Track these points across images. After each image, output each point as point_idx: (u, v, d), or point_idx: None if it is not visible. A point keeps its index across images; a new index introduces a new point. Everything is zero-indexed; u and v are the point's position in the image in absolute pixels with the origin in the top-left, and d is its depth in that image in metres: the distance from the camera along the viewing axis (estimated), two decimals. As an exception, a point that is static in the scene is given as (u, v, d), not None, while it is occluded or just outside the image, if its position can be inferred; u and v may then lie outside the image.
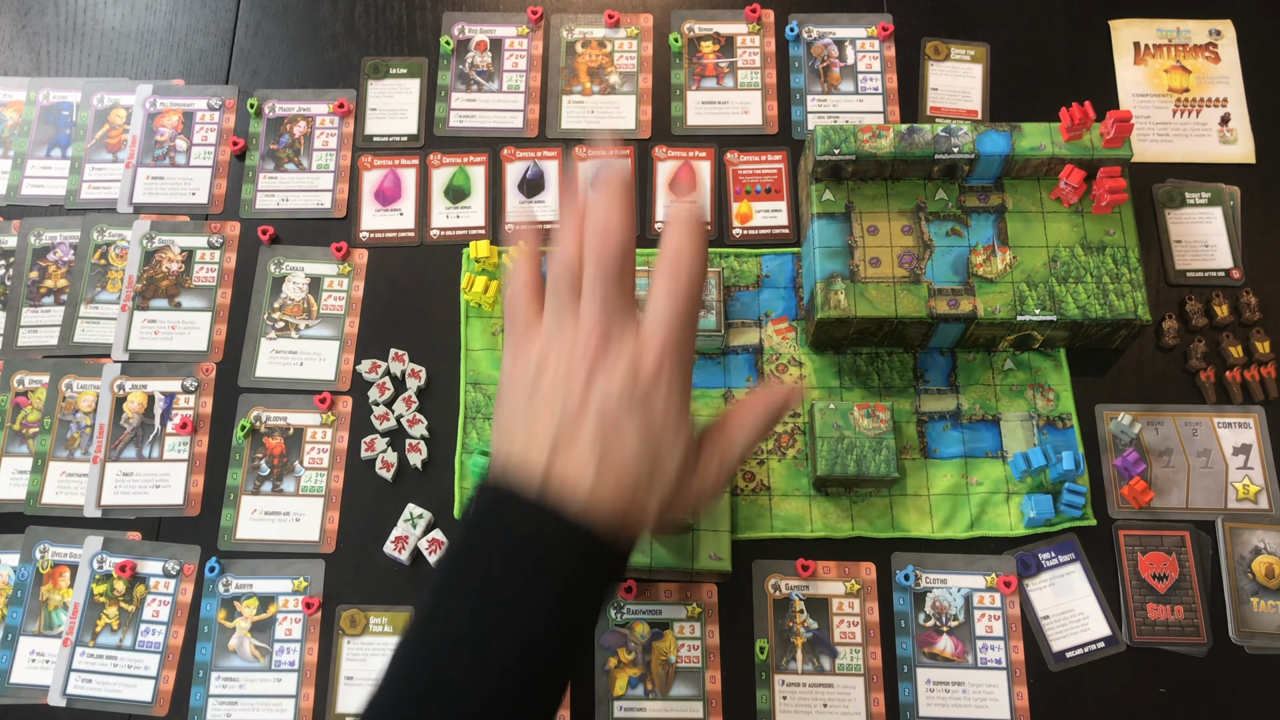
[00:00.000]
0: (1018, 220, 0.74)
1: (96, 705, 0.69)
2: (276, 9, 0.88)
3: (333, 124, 0.84)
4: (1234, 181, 0.82)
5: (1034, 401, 0.75)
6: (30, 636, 0.71)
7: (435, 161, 0.83)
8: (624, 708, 0.68)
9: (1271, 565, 0.71)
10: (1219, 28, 0.87)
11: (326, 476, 0.74)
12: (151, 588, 0.72)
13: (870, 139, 0.73)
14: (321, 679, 0.69)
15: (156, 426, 0.76)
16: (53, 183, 0.83)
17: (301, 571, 0.72)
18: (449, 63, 0.86)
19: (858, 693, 0.69)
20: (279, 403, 0.76)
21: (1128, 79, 0.85)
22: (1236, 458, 0.74)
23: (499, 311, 0.78)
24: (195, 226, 0.81)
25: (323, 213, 0.82)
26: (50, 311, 0.79)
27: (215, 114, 0.85)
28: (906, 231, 0.74)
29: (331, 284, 0.79)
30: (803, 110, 0.84)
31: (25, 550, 0.73)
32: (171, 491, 0.74)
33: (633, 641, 0.70)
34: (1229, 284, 0.79)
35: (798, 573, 0.71)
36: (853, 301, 0.72)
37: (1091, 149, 0.73)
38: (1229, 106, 0.84)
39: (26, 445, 0.76)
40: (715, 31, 0.87)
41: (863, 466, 0.70)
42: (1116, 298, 0.72)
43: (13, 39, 0.88)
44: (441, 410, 0.75)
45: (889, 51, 0.86)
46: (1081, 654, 0.69)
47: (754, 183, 0.82)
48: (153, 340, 0.78)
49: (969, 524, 0.72)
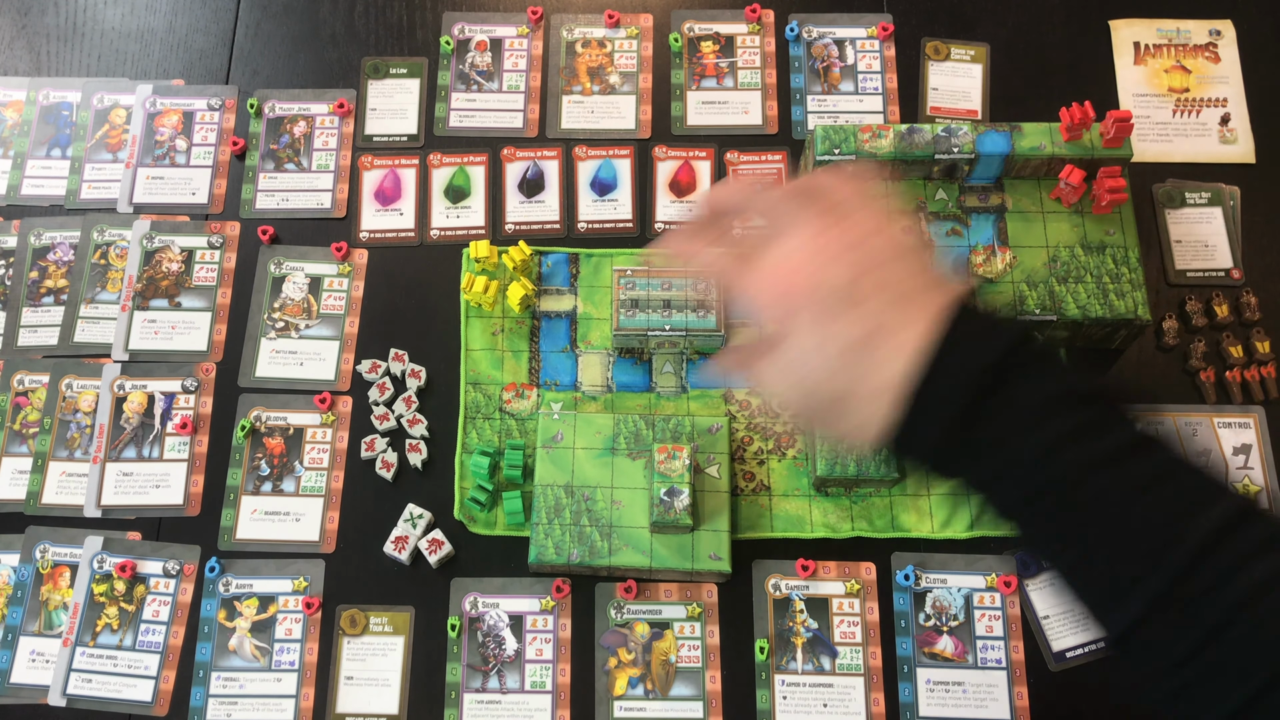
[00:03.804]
0: (1018, 220, 0.74)
1: (96, 705, 0.69)
2: (276, 9, 0.88)
3: (333, 124, 0.84)
4: (1234, 181, 0.82)
5: (1034, 401, 0.75)
6: (30, 636, 0.71)
7: (435, 161, 0.83)
8: (624, 708, 0.68)
9: (1271, 565, 0.71)
10: (1219, 28, 0.87)
11: (326, 476, 0.74)
12: (151, 588, 0.72)
13: (870, 139, 0.73)
14: (321, 679, 0.69)
15: (156, 426, 0.76)
16: (53, 183, 0.83)
17: (301, 571, 0.72)
18: (449, 63, 0.86)
19: (858, 693, 0.69)
20: (279, 403, 0.76)
21: (1128, 79, 0.85)
22: (1236, 458, 0.74)
23: (499, 311, 0.78)
24: (195, 226, 0.81)
25: (323, 213, 0.82)
26: (50, 311, 0.79)
27: (215, 114, 0.85)
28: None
29: (331, 284, 0.79)
30: (803, 110, 0.84)
31: (25, 550, 0.73)
32: (171, 491, 0.74)
33: (633, 641, 0.70)
34: (1229, 284, 0.79)
35: (798, 573, 0.71)
36: (853, 301, 0.71)
37: (1091, 149, 0.73)
38: (1229, 106, 0.84)
39: (26, 445, 0.76)
40: (715, 31, 0.87)
41: (863, 467, 0.70)
42: (1116, 298, 0.72)
43: (13, 39, 0.88)
44: (441, 410, 0.75)
45: (889, 51, 0.86)
46: (1081, 654, 0.69)
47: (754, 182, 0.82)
48: (153, 340, 0.78)
49: (969, 524, 0.72)
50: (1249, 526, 0.41)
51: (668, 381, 0.76)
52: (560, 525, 0.70)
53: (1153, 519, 0.42)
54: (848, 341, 0.45)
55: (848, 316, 0.45)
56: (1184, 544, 0.41)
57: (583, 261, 0.79)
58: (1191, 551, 0.40)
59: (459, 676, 0.69)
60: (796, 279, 0.47)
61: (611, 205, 0.82)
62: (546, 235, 0.81)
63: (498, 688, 0.69)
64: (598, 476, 0.71)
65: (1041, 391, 0.44)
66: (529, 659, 0.70)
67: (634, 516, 0.70)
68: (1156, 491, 0.42)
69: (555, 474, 0.71)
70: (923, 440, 0.46)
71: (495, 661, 0.70)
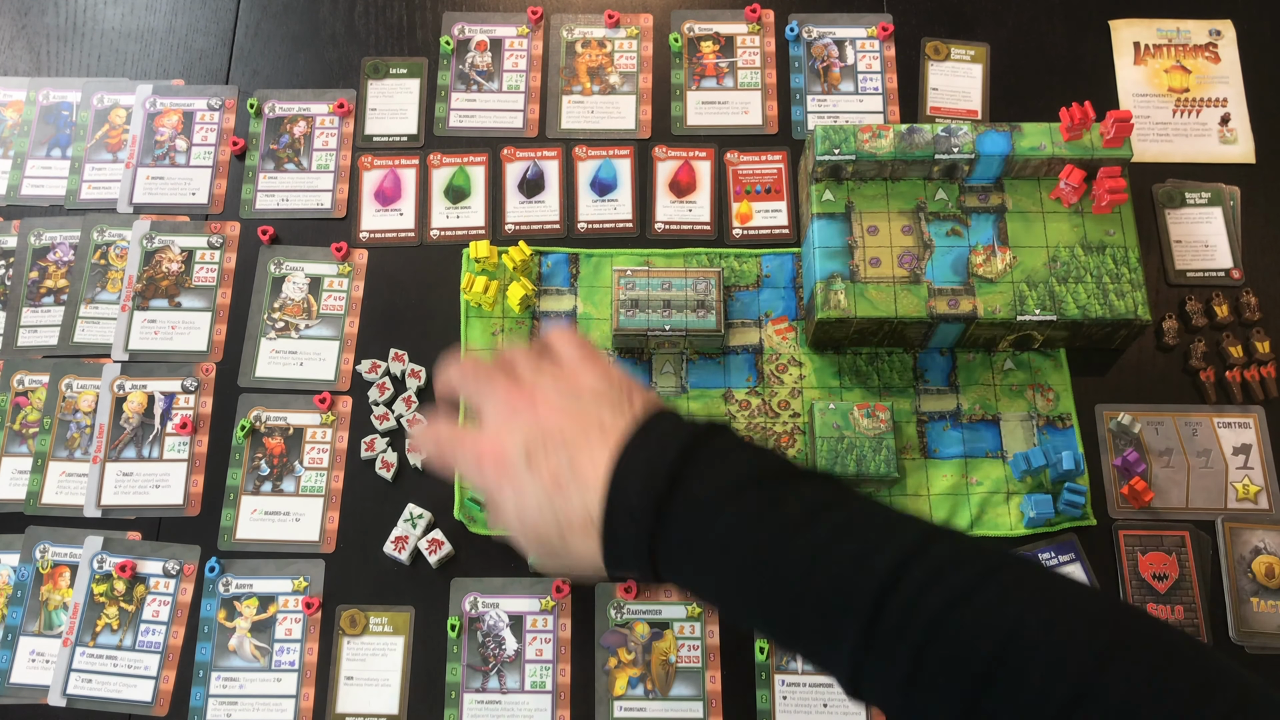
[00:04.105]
0: (1018, 220, 0.74)
1: (96, 705, 0.69)
2: (276, 9, 0.88)
3: (333, 124, 0.84)
4: (1234, 181, 0.82)
5: (1034, 401, 0.75)
6: (30, 636, 0.71)
7: (435, 161, 0.83)
8: (624, 708, 0.68)
9: (1271, 565, 0.71)
10: (1219, 28, 0.87)
11: (326, 476, 0.74)
12: (151, 588, 0.72)
13: (870, 139, 0.73)
14: (321, 679, 0.69)
15: (156, 426, 0.76)
16: (53, 183, 0.83)
17: (301, 571, 0.72)
18: (449, 63, 0.86)
19: (858, 693, 0.68)
20: (279, 403, 0.76)
21: (1128, 79, 0.85)
22: (1236, 458, 0.74)
23: (499, 311, 0.78)
24: (195, 226, 0.81)
25: (323, 213, 0.82)
26: (50, 311, 0.79)
27: (215, 114, 0.85)
28: (906, 231, 0.74)
29: (331, 284, 0.79)
30: (803, 110, 0.84)
31: (25, 550, 0.73)
32: (171, 491, 0.74)
33: (633, 641, 0.70)
34: (1229, 284, 0.79)
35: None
36: (853, 301, 0.72)
37: (1091, 149, 0.73)
38: (1229, 106, 0.84)
39: (26, 445, 0.76)
40: (715, 31, 0.87)
41: (863, 466, 0.70)
42: (1116, 298, 0.72)
43: (13, 39, 0.88)
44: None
45: (889, 51, 0.86)
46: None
47: (754, 183, 0.82)
48: (153, 340, 0.78)
49: (969, 524, 0.72)
50: (923, 558, 0.45)
51: (668, 381, 0.76)
52: (560, 525, 0.70)
53: (837, 573, 0.46)
54: (539, 494, 0.50)
55: (532, 473, 0.50)
56: (867, 590, 0.45)
57: (583, 262, 0.80)
58: (875, 594, 0.44)
59: (459, 676, 0.69)
60: (484, 449, 0.52)
61: (611, 205, 0.82)
62: (546, 235, 0.81)
63: (498, 688, 0.69)
64: (598, 476, 0.71)
65: (717, 483, 0.48)
66: (529, 659, 0.70)
67: (634, 516, 0.70)
68: (835, 548, 0.46)
69: (555, 474, 0.71)
70: (634, 561, 0.50)
71: (495, 661, 0.70)
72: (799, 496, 0.48)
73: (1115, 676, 0.41)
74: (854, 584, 0.45)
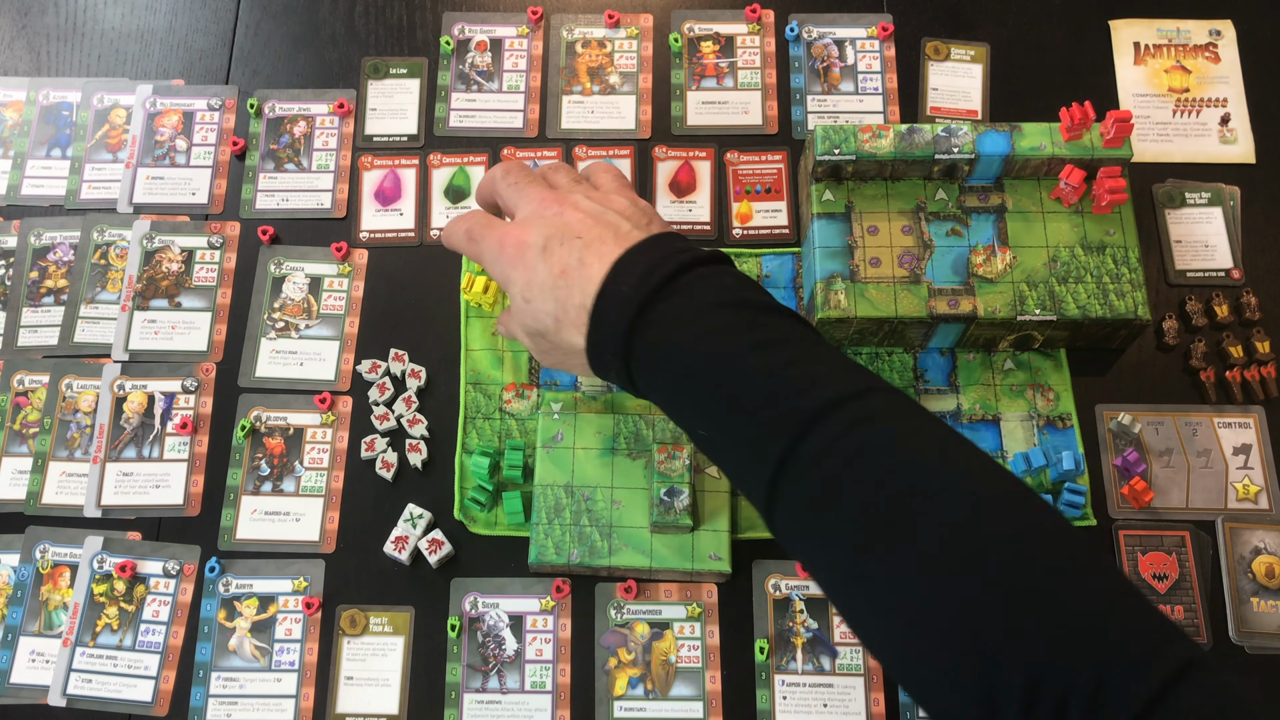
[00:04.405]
0: (1018, 220, 0.74)
1: (96, 705, 0.69)
2: (276, 9, 0.88)
3: (333, 124, 0.84)
4: (1234, 181, 0.82)
5: (1034, 401, 0.75)
6: (30, 636, 0.71)
7: (435, 161, 0.83)
8: (624, 708, 0.68)
9: (1271, 565, 0.71)
10: (1219, 28, 0.87)
11: (326, 476, 0.74)
12: (151, 588, 0.72)
13: (870, 139, 0.73)
14: (321, 679, 0.69)
15: (156, 426, 0.76)
16: (53, 183, 0.83)
17: (301, 571, 0.72)
18: (449, 63, 0.86)
19: (858, 693, 0.69)
20: (279, 403, 0.76)
21: (1128, 79, 0.86)
22: (1236, 458, 0.74)
23: (499, 311, 0.78)
24: (195, 226, 0.81)
25: (323, 213, 0.82)
26: (50, 311, 0.79)
27: (215, 114, 0.85)
28: (906, 231, 0.74)
29: (331, 284, 0.79)
30: (803, 110, 0.84)
31: (25, 550, 0.73)
32: (171, 491, 0.74)
33: (633, 641, 0.70)
34: (1229, 284, 0.79)
35: (798, 573, 0.71)
36: (853, 301, 0.72)
37: (1091, 149, 0.73)
38: (1229, 106, 0.84)
39: (26, 445, 0.76)
40: (715, 31, 0.87)
41: (863, 466, 0.70)
42: (1116, 298, 0.72)
43: (13, 39, 0.88)
44: (441, 410, 0.75)
45: (889, 51, 0.86)
46: (1081, 654, 0.69)
47: (754, 183, 0.82)
48: (153, 340, 0.78)
49: (969, 524, 0.72)
50: (862, 399, 0.50)
51: (668, 381, 0.76)
52: (560, 525, 0.70)
53: (780, 393, 0.50)
54: (546, 281, 0.56)
55: (545, 261, 0.56)
56: (803, 414, 0.49)
57: (583, 261, 0.79)
58: (807, 419, 0.49)
59: (459, 676, 0.69)
60: (508, 240, 0.58)
61: (611, 205, 0.81)
62: (546, 235, 0.81)
63: (498, 688, 0.69)
64: (598, 476, 0.71)
65: (703, 298, 0.53)
66: (529, 659, 0.70)
67: (634, 516, 0.70)
68: (785, 371, 0.51)
69: (555, 474, 0.71)
70: (612, 352, 0.55)
71: (495, 661, 0.70)
72: (769, 327, 0.53)
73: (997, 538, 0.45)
74: (792, 405, 0.50)
